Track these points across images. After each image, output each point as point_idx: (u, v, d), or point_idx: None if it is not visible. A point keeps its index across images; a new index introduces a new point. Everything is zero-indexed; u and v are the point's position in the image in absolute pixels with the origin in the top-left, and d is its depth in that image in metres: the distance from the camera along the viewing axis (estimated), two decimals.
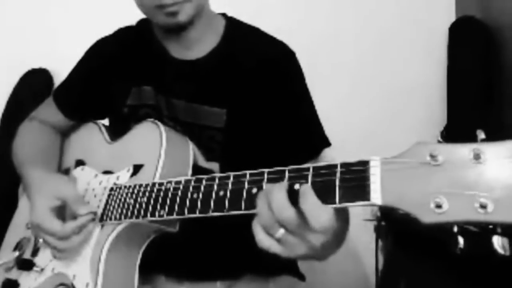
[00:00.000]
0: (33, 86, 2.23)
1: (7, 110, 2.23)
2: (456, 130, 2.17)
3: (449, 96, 2.30)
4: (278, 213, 0.73)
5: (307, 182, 0.76)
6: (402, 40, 2.42)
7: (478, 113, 2.13)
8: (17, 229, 1.35)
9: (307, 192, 0.73)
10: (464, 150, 0.62)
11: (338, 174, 0.73)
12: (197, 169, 1.19)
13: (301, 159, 1.19)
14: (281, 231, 0.75)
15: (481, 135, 0.63)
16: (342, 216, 0.77)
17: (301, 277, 1.40)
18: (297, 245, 0.76)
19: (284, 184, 0.76)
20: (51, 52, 2.28)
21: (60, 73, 1.47)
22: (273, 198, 0.74)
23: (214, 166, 1.25)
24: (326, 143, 1.25)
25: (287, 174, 0.79)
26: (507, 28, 2.11)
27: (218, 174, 0.90)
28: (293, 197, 0.74)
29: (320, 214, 0.71)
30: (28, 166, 1.25)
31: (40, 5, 2.35)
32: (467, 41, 2.28)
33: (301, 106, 1.26)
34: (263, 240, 0.77)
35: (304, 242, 0.75)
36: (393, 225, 1.65)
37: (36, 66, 2.31)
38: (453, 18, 2.40)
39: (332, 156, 1.22)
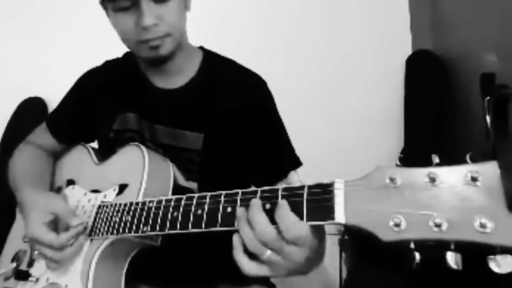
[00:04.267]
0: (30, 112, 2.34)
1: (6, 133, 2.32)
2: (413, 153, 2.19)
3: (406, 122, 2.33)
4: (262, 234, 0.72)
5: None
6: (363, 71, 2.46)
7: (433, 137, 2.15)
8: (14, 242, 1.32)
9: (283, 206, 0.72)
10: (420, 174, 0.61)
11: (305, 195, 0.72)
12: (177, 188, 1.17)
13: (272, 179, 1.18)
14: (268, 253, 0.73)
15: (436, 159, 0.62)
16: (318, 233, 0.75)
17: (272, 286, 1.38)
18: (282, 263, 0.74)
19: (258, 203, 0.75)
20: (45, 82, 2.40)
21: (53, 101, 1.49)
22: (255, 221, 0.73)
23: (193, 185, 1.23)
24: (297, 163, 1.24)
25: (259, 194, 0.78)
26: (459, 60, 2.15)
27: (195, 194, 0.88)
28: (269, 216, 0.73)
29: (296, 226, 0.70)
30: (22, 186, 1.22)
31: (36, 42, 2.50)
32: (422, 72, 2.32)
33: (273, 131, 1.26)
34: (249, 267, 0.76)
35: (287, 259, 0.73)
36: (355, 239, 1.65)
37: (32, 95, 2.43)
38: (409, 51, 2.45)
39: (297, 177, 1.21)
